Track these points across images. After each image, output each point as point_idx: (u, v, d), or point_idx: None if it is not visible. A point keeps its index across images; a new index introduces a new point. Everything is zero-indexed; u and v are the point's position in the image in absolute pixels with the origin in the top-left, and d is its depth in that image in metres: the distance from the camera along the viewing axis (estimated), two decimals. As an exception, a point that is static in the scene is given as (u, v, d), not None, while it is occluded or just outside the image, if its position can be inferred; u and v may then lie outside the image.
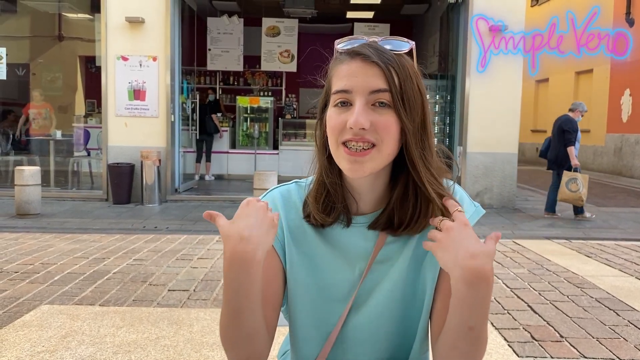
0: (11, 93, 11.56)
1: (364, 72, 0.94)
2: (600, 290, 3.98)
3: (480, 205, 1.08)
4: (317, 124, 1.05)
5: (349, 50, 0.98)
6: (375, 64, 0.94)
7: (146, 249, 5.01)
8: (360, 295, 1.04)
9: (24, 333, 2.94)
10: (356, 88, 0.94)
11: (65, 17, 11.47)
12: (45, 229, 5.98)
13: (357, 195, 1.03)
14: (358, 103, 0.93)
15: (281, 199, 1.08)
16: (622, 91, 13.19)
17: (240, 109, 11.30)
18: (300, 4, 10.31)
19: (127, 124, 7.94)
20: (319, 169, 1.04)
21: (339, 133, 0.95)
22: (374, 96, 0.94)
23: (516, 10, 7.79)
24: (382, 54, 0.95)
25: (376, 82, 0.93)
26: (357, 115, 0.92)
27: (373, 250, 1.02)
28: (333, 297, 1.05)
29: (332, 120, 0.97)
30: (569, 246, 5.51)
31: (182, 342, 2.85)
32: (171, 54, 7.94)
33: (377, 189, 1.03)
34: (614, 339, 3.04)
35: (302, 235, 1.06)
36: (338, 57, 1.00)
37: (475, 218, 1.04)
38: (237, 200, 8.11)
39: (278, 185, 1.12)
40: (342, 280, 1.04)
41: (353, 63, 0.96)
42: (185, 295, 3.69)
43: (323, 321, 1.06)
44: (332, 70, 1.01)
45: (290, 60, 11.11)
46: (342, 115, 0.95)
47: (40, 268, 4.30)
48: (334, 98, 0.97)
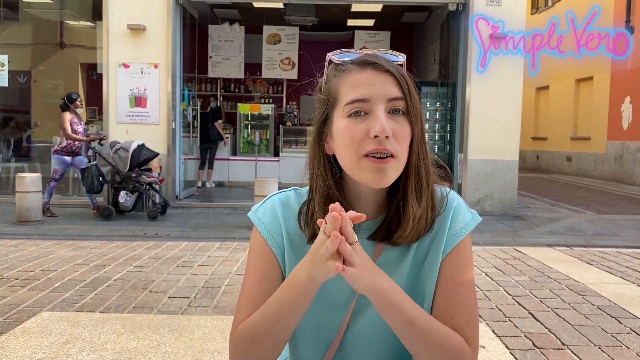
0: (13, 100, 11.60)
1: (379, 80, 0.94)
2: (602, 297, 3.97)
3: (478, 213, 1.08)
4: (315, 140, 1.02)
5: (357, 60, 0.97)
6: (389, 72, 0.94)
7: (147, 256, 5.00)
8: (359, 303, 1.04)
9: (25, 340, 2.93)
10: (375, 96, 0.93)
11: (67, 24, 11.53)
12: (46, 235, 5.98)
13: (358, 204, 1.03)
14: (379, 110, 0.92)
15: (280, 206, 1.08)
16: (622, 98, 13.20)
17: (241, 116, 11.33)
18: (301, 12, 10.35)
19: (129, 131, 7.95)
20: (324, 186, 1.01)
21: (360, 143, 0.93)
22: (392, 104, 0.94)
23: (516, 11, 7.80)
24: (391, 63, 0.96)
25: (394, 90, 0.94)
26: (382, 121, 0.91)
27: (372, 258, 1.02)
28: (332, 304, 1.05)
29: (350, 132, 0.94)
30: (570, 253, 5.50)
31: (182, 349, 2.84)
32: (172, 62, 7.96)
33: (378, 197, 1.02)
34: (615, 347, 3.03)
35: (300, 243, 1.06)
36: (341, 68, 0.99)
37: (472, 226, 1.04)
38: (237, 207, 8.11)
39: (276, 192, 1.11)
40: (341, 288, 1.03)
41: (364, 72, 0.95)
42: (185, 302, 3.69)
43: (322, 328, 1.06)
44: (336, 81, 0.98)
45: (291, 68, 11.15)
46: (361, 125, 0.93)
47: (41, 275, 4.29)
48: (347, 109, 0.95)
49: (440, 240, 1.01)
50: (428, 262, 1.02)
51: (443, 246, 1.01)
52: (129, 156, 6.84)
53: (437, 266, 1.01)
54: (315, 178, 1.02)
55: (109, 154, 6.90)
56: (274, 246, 1.05)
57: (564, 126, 15.90)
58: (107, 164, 6.89)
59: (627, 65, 12.60)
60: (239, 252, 5.30)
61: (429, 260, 1.02)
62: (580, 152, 15.16)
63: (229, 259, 4.98)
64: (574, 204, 9.17)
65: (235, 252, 5.27)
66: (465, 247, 1.03)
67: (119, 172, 6.90)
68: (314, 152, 1.02)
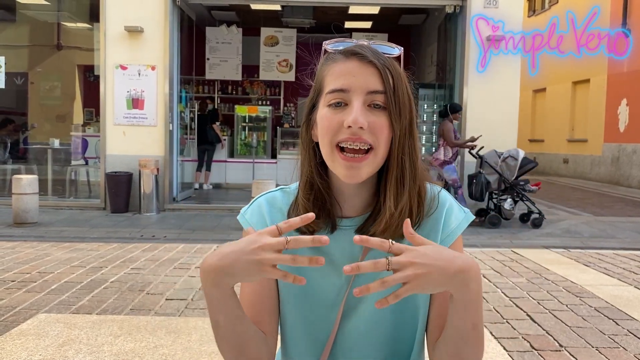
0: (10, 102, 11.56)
1: (361, 71, 0.93)
2: (599, 299, 3.97)
3: (472, 213, 1.08)
4: (303, 126, 1.02)
5: (344, 50, 0.96)
6: (372, 64, 0.93)
7: (144, 258, 4.99)
8: (349, 300, 1.03)
9: (21, 342, 2.92)
10: (354, 87, 0.92)
11: (64, 26, 11.50)
12: (43, 237, 5.96)
13: (342, 198, 1.02)
14: (356, 102, 0.92)
15: (267, 206, 1.07)
16: (619, 101, 13.24)
17: (238, 118, 11.33)
18: (299, 14, 10.36)
19: (126, 133, 7.94)
20: (308, 171, 1.01)
21: (334, 134, 0.93)
22: (371, 97, 0.93)
23: (513, 13, 7.82)
24: (378, 55, 0.95)
25: (374, 83, 0.93)
26: (356, 113, 0.91)
27: (361, 254, 1.01)
28: (321, 303, 1.04)
29: (327, 120, 0.94)
30: (567, 255, 5.51)
31: (180, 351, 2.83)
32: (170, 63, 7.96)
33: (363, 193, 1.01)
34: (613, 349, 3.03)
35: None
36: (330, 57, 0.98)
37: (465, 225, 1.04)
38: (235, 209, 8.10)
39: (264, 192, 1.11)
40: (330, 286, 1.03)
41: (349, 62, 0.94)
42: (183, 304, 3.68)
43: (313, 327, 1.05)
44: (323, 70, 0.99)
45: (288, 70, 11.15)
46: (338, 115, 0.93)
47: (38, 277, 4.28)
48: (327, 98, 0.95)
49: (434, 240, 1.01)
50: None
51: None
52: (517, 165, 6.90)
53: None
54: (302, 164, 1.03)
55: (497, 163, 6.97)
56: None
57: (560, 128, 15.94)
58: (494, 172, 6.95)
59: (624, 67, 12.64)
60: (237, 254, 5.28)
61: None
62: (577, 154, 15.20)
63: (227, 261, 4.96)
64: (571, 206, 9.19)
65: (232, 254, 5.25)
66: (459, 246, 1.04)
67: (506, 180, 6.93)
68: (302, 138, 1.03)
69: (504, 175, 6.93)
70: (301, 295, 1.04)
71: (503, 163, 6.96)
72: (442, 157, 7.23)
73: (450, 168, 7.25)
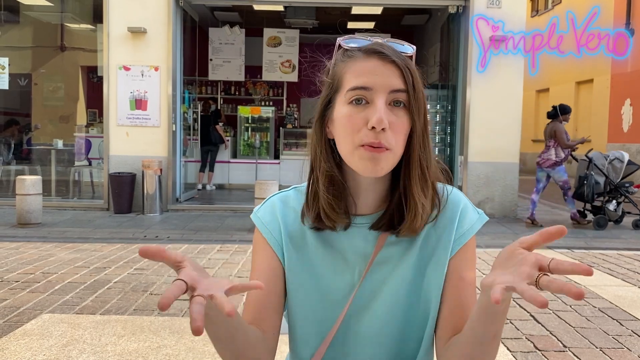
0: (13, 103, 11.60)
1: (383, 70, 0.93)
2: (603, 300, 3.96)
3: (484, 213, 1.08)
4: (317, 122, 1.01)
5: (365, 48, 0.96)
6: (394, 63, 0.93)
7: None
8: (360, 297, 1.03)
9: (25, 342, 2.93)
10: (377, 86, 0.92)
11: (67, 27, 11.53)
12: (46, 238, 5.97)
13: (356, 195, 1.02)
14: (379, 101, 0.92)
15: (280, 204, 1.08)
16: (622, 101, 13.21)
17: (241, 118, 11.34)
18: (302, 15, 10.36)
19: (129, 134, 7.95)
20: (327, 167, 1.00)
21: (357, 133, 0.93)
22: (393, 95, 0.93)
23: (516, 13, 7.81)
24: (398, 54, 0.95)
25: (396, 82, 0.93)
26: (380, 112, 0.90)
27: (373, 251, 1.01)
28: (333, 300, 1.04)
29: (349, 119, 0.94)
30: (571, 256, 5.49)
31: (183, 351, 2.84)
32: (173, 64, 7.97)
33: (377, 189, 1.02)
34: (617, 349, 3.03)
35: (300, 240, 1.05)
36: (348, 54, 0.98)
37: (479, 225, 1.04)
38: (238, 210, 8.11)
39: (277, 192, 1.11)
40: (342, 282, 1.03)
41: (370, 61, 0.94)
42: (186, 304, 3.68)
43: (322, 323, 1.05)
44: (342, 66, 0.98)
45: (291, 71, 11.16)
46: (361, 113, 0.93)
47: (41, 277, 4.29)
48: (348, 95, 0.94)
49: (448, 239, 1.01)
50: (435, 261, 1.01)
51: (451, 245, 1.01)
52: (623, 167, 7.04)
53: (445, 265, 1.01)
54: (318, 161, 1.01)
55: (604, 165, 7.09)
56: (274, 244, 1.05)
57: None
58: (602, 174, 7.07)
59: (627, 67, 12.61)
60: (239, 254, 5.29)
61: (436, 258, 1.02)
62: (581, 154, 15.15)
63: (229, 262, 4.97)
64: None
65: (235, 255, 5.27)
66: (472, 247, 1.04)
67: (611, 182, 7.05)
68: (316, 136, 1.02)
69: (610, 176, 7.03)
70: (313, 291, 1.04)
71: (609, 165, 7.09)
72: (554, 158, 7.23)
73: (562, 169, 7.27)
